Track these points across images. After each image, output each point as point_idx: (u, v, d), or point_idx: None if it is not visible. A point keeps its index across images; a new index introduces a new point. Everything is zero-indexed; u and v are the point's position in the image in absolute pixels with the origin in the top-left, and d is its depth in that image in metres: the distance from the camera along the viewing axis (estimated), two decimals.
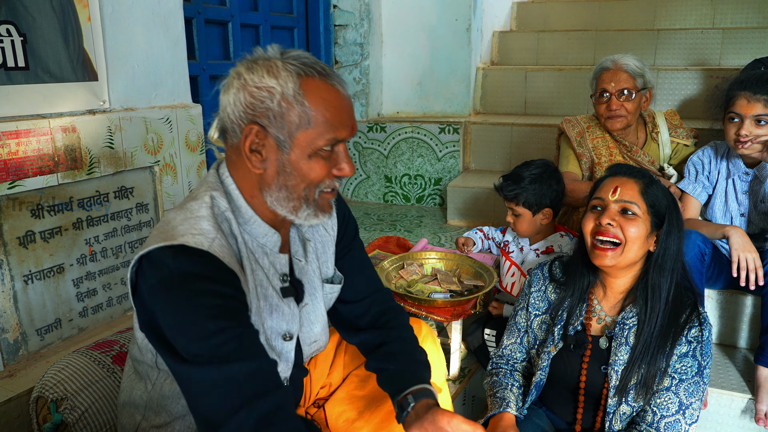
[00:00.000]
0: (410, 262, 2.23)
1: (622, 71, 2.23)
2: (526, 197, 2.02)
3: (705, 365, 1.42)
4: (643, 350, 1.41)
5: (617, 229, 1.40)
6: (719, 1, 3.94)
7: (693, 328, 1.42)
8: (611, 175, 1.50)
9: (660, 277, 1.43)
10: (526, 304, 1.64)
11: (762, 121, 1.88)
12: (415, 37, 3.60)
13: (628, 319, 1.47)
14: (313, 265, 1.28)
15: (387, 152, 3.56)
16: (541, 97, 3.63)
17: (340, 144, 1.11)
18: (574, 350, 1.51)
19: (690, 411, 1.40)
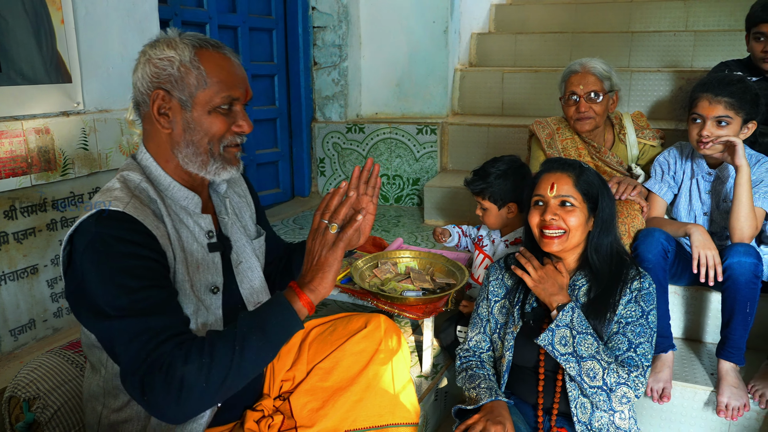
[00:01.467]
0: (384, 261, 2.27)
1: (590, 74, 2.28)
2: (491, 192, 2.09)
3: (648, 311, 1.57)
4: (593, 303, 1.58)
5: (560, 221, 1.57)
6: (692, 4, 4.02)
7: (634, 281, 1.59)
8: (546, 171, 1.64)
9: (601, 247, 1.61)
10: (486, 294, 1.76)
11: (723, 122, 1.94)
12: (393, 38, 3.64)
13: (578, 281, 1.63)
14: (237, 224, 1.44)
15: (366, 153, 3.59)
16: (518, 98, 3.69)
17: (237, 104, 1.28)
18: (534, 325, 1.62)
19: (641, 349, 1.52)
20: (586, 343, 1.50)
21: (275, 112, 3.55)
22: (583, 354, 1.49)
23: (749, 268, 1.81)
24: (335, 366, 1.54)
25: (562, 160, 1.65)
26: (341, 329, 1.63)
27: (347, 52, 3.57)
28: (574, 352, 1.50)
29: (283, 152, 3.60)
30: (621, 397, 1.49)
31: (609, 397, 1.49)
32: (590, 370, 1.49)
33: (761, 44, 2.41)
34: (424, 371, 2.10)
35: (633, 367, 1.51)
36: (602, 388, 1.48)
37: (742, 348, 1.90)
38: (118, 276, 1.12)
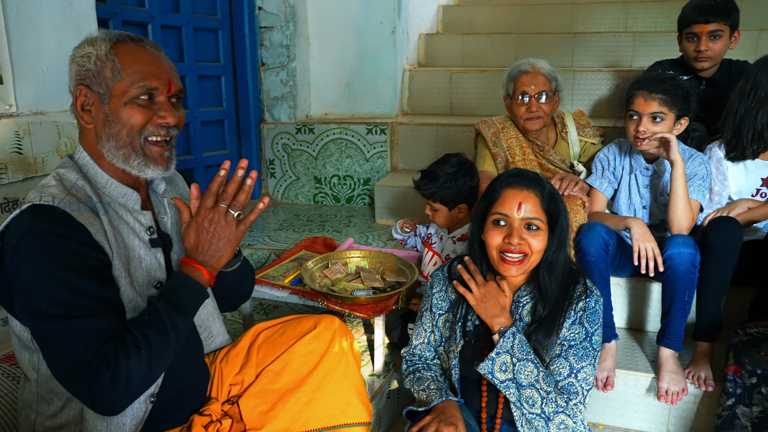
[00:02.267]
0: (335, 262, 2.26)
1: (540, 74, 2.33)
2: (442, 195, 2.11)
3: (593, 332, 1.52)
4: (538, 326, 1.52)
5: (525, 245, 1.49)
6: (631, 6, 4.16)
7: (581, 301, 1.53)
8: (509, 187, 1.52)
9: (550, 270, 1.53)
10: (430, 305, 1.70)
11: (657, 118, 2.02)
12: (341, 39, 3.64)
13: (522, 297, 1.57)
14: (177, 224, 1.44)
15: (316, 154, 3.58)
16: (466, 97, 3.74)
17: (158, 95, 1.28)
18: (475, 344, 1.58)
19: (582, 374, 1.49)
20: (526, 371, 1.47)
21: (223, 114, 3.50)
22: (523, 382, 1.46)
23: (688, 258, 1.89)
24: (285, 368, 1.53)
25: (524, 174, 1.55)
26: (291, 331, 1.62)
27: (295, 53, 3.55)
28: (514, 379, 1.47)
29: (231, 154, 3.55)
30: (559, 424, 1.47)
31: (547, 424, 1.47)
32: (529, 398, 1.46)
33: (693, 44, 2.51)
34: (376, 370, 2.10)
35: (573, 395, 1.48)
36: (540, 416, 1.47)
37: (680, 335, 1.98)
38: (59, 273, 1.11)
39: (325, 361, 1.56)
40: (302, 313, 2.10)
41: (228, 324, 2.45)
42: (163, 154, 1.31)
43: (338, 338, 1.58)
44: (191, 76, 3.22)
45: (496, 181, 1.57)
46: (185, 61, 3.18)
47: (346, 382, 1.56)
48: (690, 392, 2.00)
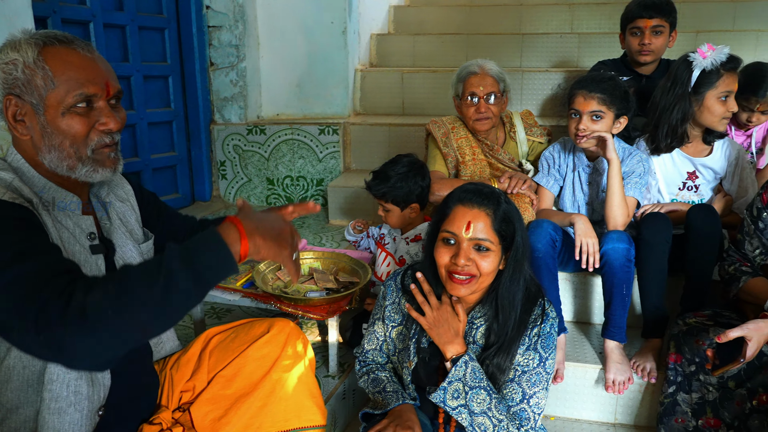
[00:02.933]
0: None
1: (488, 76, 2.37)
2: (394, 195, 2.12)
3: (547, 357, 1.48)
4: (493, 352, 1.47)
5: (472, 266, 1.43)
6: (576, 8, 4.27)
7: (536, 327, 1.49)
8: (460, 203, 1.46)
9: (510, 292, 1.48)
10: (382, 315, 1.66)
11: (597, 116, 2.09)
12: (292, 39, 3.61)
13: (477, 319, 1.53)
14: (121, 228, 1.39)
15: (268, 155, 3.54)
16: (418, 97, 3.77)
17: (97, 101, 1.22)
18: (429, 362, 1.55)
19: (534, 400, 1.47)
20: (478, 398, 1.42)
21: (171, 115, 3.42)
22: (475, 410, 1.42)
23: (622, 253, 1.96)
24: (238, 373, 1.52)
25: (477, 191, 1.47)
26: (243, 335, 1.61)
27: (245, 53, 3.50)
28: (466, 405, 1.43)
29: (180, 156, 3.48)
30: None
31: None
32: (481, 425, 1.43)
33: (638, 38, 2.63)
34: (330, 371, 2.10)
35: (525, 420, 1.45)
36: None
37: (623, 327, 2.06)
38: None
39: (279, 365, 1.55)
40: (255, 316, 2.08)
41: (178, 329, 2.40)
42: (110, 155, 1.27)
43: (292, 341, 1.57)
44: (137, 77, 3.14)
45: (450, 196, 1.50)
46: (130, 61, 3.10)
47: (300, 386, 1.56)
48: (635, 381, 2.07)
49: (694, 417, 1.86)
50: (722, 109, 2.11)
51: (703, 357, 1.84)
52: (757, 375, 1.77)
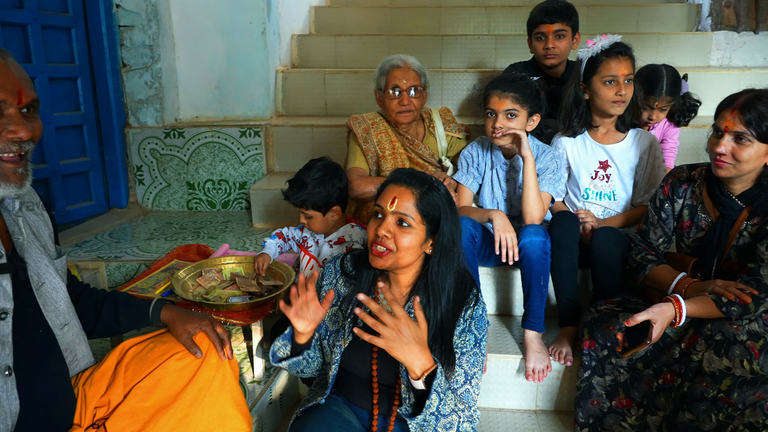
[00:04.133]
0: (208, 269, 2.20)
1: (411, 69, 2.42)
2: (313, 201, 2.10)
3: (481, 338, 1.56)
4: (429, 336, 1.48)
5: (391, 240, 1.49)
6: (493, 11, 4.40)
7: (468, 309, 1.57)
8: (392, 182, 1.55)
9: (439, 277, 1.54)
10: (319, 296, 1.66)
11: (511, 114, 2.17)
12: (209, 39, 3.52)
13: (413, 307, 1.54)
14: (35, 244, 1.36)
15: (187, 158, 3.44)
16: (341, 98, 3.77)
17: (7, 108, 1.20)
18: (364, 342, 1.52)
19: (475, 380, 1.53)
20: (447, 400, 1.40)
21: (81, 118, 3.26)
22: (446, 412, 1.40)
23: (539, 245, 2.05)
24: (157, 384, 1.48)
25: (412, 173, 1.56)
26: (162, 345, 1.57)
27: (160, 53, 3.39)
28: (437, 412, 1.39)
29: (93, 161, 3.31)
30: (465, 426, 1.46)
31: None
32: (448, 423, 1.42)
33: (542, 43, 2.74)
34: (256, 377, 2.07)
35: (471, 401, 1.50)
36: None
37: (541, 317, 2.14)
38: None
39: (201, 374, 1.52)
40: None
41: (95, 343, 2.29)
42: (17, 171, 1.22)
43: (214, 349, 1.54)
44: (41, 78, 2.97)
45: (388, 177, 1.59)
46: (33, 62, 2.93)
47: (223, 394, 1.53)
48: (554, 368, 2.16)
49: (608, 398, 1.96)
50: (608, 93, 2.24)
51: (614, 341, 1.95)
52: (662, 355, 1.89)
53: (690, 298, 1.80)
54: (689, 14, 4.32)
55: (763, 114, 1.73)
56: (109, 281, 2.66)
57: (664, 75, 2.51)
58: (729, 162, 1.79)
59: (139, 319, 1.65)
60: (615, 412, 1.95)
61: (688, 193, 2.03)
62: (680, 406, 1.78)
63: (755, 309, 1.77)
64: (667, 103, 2.55)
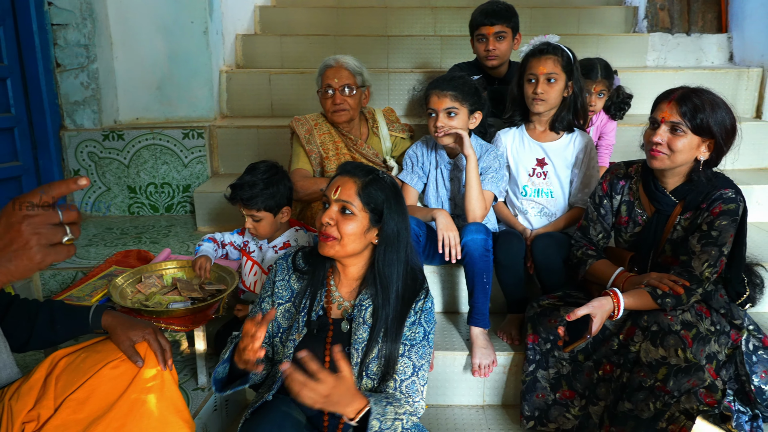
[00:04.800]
0: (148, 275, 2.13)
1: (343, 69, 2.42)
2: (265, 201, 2.06)
3: (429, 331, 1.61)
4: (380, 328, 1.55)
5: (334, 228, 1.54)
6: (438, 12, 4.44)
7: (419, 301, 1.61)
8: (339, 174, 1.61)
9: (386, 266, 1.57)
10: (272, 291, 1.67)
11: (452, 113, 2.20)
12: (149, 39, 3.42)
13: (364, 301, 1.60)
14: None
15: (128, 161, 3.33)
16: (287, 99, 3.73)
17: None
18: (317, 335, 1.59)
19: (422, 372, 1.57)
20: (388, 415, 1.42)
21: (12, 121, 3.11)
22: (389, 425, 1.42)
23: (481, 243, 2.07)
24: (91, 395, 1.43)
25: (358, 165, 1.61)
26: (96, 355, 1.51)
27: (96, 53, 3.27)
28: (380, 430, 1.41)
29: (26, 166, 3.17)
30: (412, 427, 1.51)
31: None
32: (393, 429, 1.44)
33: (483, 44, 2.78)
34: (200, 384, 2.02)
35: (414, 393, 1.54)
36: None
37: (485, 313, 2.17)
38: None
39: (138, 382, 1.47)
40: None
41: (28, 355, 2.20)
42: None
43: (152, 356, 1.51)
44: None
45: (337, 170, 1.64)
46: None
47: (162, 402, 1.49)
48: (500, 363, 2.19)
49: (552, 391, 2.00)
50: (528, 90, 2.31)
51: (556, 335, 1.99)
52: (601, 347, 1.94)
53: (627, 292, 1.86)
54: (627, 16, 4.47)
55: (697, 106, 1.80)
56: (44, 290, 2.55)
57: (597, 62, 2.63)
58: (664, 152, 1.86)
59: (77, 326, 1.59)
60: (559, 404, 1.99)
61: (626, 189, 2.09)
62: (620, 396, 1.83)
63: (688, 300, 1.84)
64: (604, 87, 2.64)
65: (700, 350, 1.79)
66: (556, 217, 2.42)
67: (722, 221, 1.85)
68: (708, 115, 1.81)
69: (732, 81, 3.72)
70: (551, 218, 2.42)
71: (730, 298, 2.01)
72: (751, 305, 2.10)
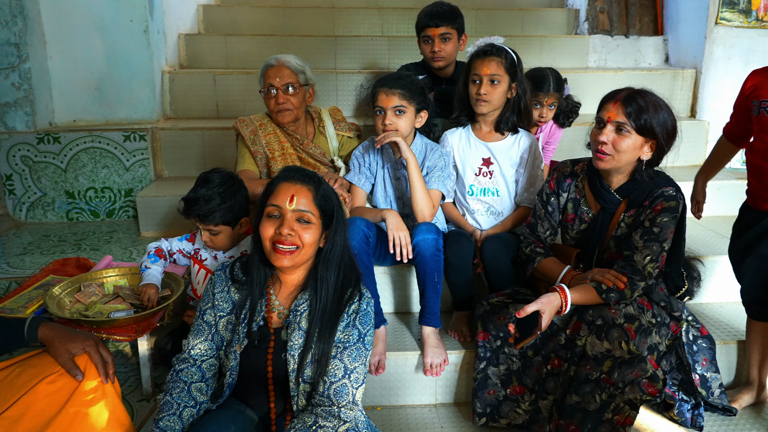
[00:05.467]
0: (88, 284, 2.05)
1: (285, 68, 2.39)
2: (223, 216, 2.00)
3: (365, 333, 1.58)
4: (315, 332, 1.53)
5: (295, 237, 1.52)
6: (385, 13, 4.44)
7: (353, 304, 1.59)
8: (285, 180, 1.56)
9: (327, 270, 1.58)
10: (212, 304, 1.64)
11: (399, 111, 2.20)
12: (85, 38, 3.29)
13: (300, 305, 1.58)
14: None
15: (65, 165, 3.20)
16: (233, 99, 3.66)
17: None
18: (259, 345, 1.57)
19: (355, 375, 1.54)
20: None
21: None
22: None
23: (432, 243, 2.08)
24: (26, 412, 1.37)
25: (301, 170, 1.60)
26: (31, 369, 1.45)
27: (28, 52, 3.11)
28: None
29: None
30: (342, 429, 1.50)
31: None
32: None
33: (429, 45, 2.80)
34: (145, 393, 1.95)
35: (343, 395, 1.51)
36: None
37: (437, 312, 2.18)
38: None
39: (77, 397, 1.42)
40: None
41: None
42: None
43: (93, 369, 1.45)
44: None
45: (275, 177, 1.61)
46: None
47: (103, 415, 1.45)
48: (451, 362, 2.20)
49: (503, 387, 2.03)
50: (472, 91, 2.34)
51: (506, 332, 2.01)
52: (550, 342, 1.98)
53: (574, 287, 1.90)
54: (569, 19, 4.59)
55: (642, 107, 1.86)
56: None
57: (549, 74, 2.65)
58: (609, 152, 1.91)
59: (12, 340, 1.51)
60: (510, 399, 2.02)
61: (572, 187, 2.14)
62: (568, 390, 1.87)
63: (631, 294, 1.89)
64: (555, 99, 2.69)
65: (642, 342, 1.85)
66: (503, 216, 2.45)
67: (663, 218, 1.92)
68: (651, 116, 1.87)
69: (668, 81, 3.87)
70: (498, 217, 2.45)
71: (669, 291, 2.09)
72: (690, 298, 2.19)
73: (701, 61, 3.82)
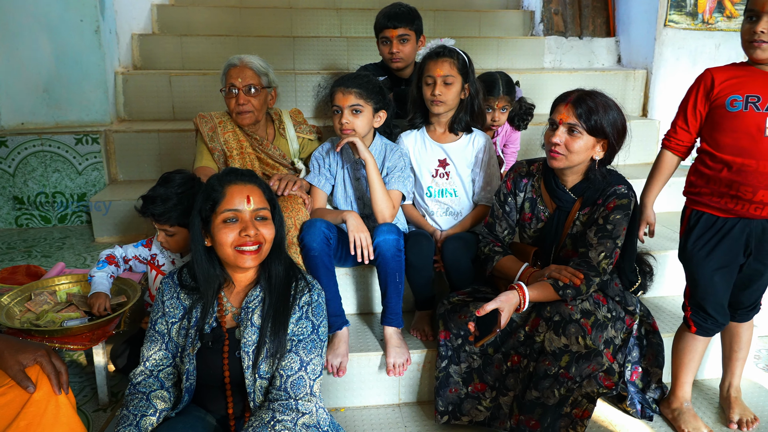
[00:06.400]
0: (39, 292, 1.98)
1: (248, 68, 2.36)
2: (179, 218, 1.96)
3: (319, 324, 1.61)
4: (267, 326, 1.55)
5: (259, 235, 1.55)
6: (344, 14, 4.44)
7: (304, 296, 1.61)
8: (233, 184, 1.58)
9: (276, 263, 1.62)
10: (163, 312, 1.63)
11: (356, 110, 2.21)
12: (32, 38, 3.17)
13: (251, 302, 1.60)
14: None
15: (13, 170, 3.09)
16: (189, 101, 3.59)
17: None
18: (213, 346, 1.57)
19: (311, 366, 1.56)
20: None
21: None
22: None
23: (393, 243, 2.09)
24: None
25: (241, 171, 1.63)
26: None
27: None
28: None
29: None
30: (302, 426, 1.50)
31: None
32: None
33: (387, 47, 2.82)
34: (101, 403, 1.90)
35: (300, 388, 1.53)
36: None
37: (399, 313, 2.19)
38: None
39: (29, 410, 1.38)
40: None
41: None
42: None
43: (46, 380, 1.41)
44: None
45: (213, 183, 1.59)
46: None
47: (57, 427, 1.40)
48: (413, 361, 2.21)
49: (464, 385, 2.05)
50: (426, 92, 2.35)
51: (467, 330, 2.04)
52: (509, 340, 2.01)
53: (532, 285, 1.93)
54: (525, 20, 4.67)
55: (592, 109, 1.91)
56: None
57: (499, 78, 2.68)
58: (562, 153, 1.95)
59: None
60: (471, 397, 2.04)
61: (528, 186, 2.17)
62: (528, 385, 1.90)
63: (587, 290, 1.94)
64: (507, 102, 2.72)
65: (598, 336, 1.89)
66: (461, 216, 2.48)
67: (616, 215, 1.97)
68: (601, 116, 1.92)
69: (620, 82, 3.98)
70: (457, 217, 2.48)
71: (623, 286, 2.15)
72: (643, 292, 2.25)
73: (651, 62, 3.95)
